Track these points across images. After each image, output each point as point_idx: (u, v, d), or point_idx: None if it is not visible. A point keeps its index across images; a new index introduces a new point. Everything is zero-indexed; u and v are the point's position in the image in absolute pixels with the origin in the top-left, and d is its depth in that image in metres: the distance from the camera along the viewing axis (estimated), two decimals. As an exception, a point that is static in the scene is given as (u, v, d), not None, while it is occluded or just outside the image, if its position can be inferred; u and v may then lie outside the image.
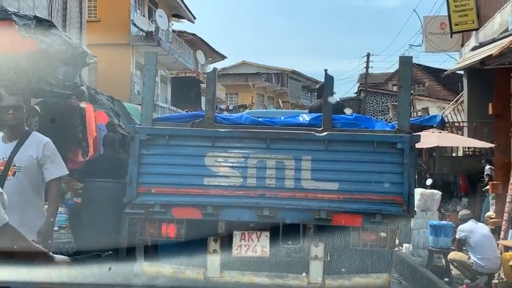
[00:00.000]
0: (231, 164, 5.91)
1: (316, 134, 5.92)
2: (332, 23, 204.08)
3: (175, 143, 5.97)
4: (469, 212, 9.64)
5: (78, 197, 8.90)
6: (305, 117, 6.45)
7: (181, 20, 32.52)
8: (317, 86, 8.58)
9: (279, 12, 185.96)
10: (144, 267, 5.86)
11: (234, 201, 5.87)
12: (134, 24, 25.27)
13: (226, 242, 5.89)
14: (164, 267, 5.87)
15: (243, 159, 5.89)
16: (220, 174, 5.90)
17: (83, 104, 11.29)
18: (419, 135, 6.16)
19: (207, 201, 5.83)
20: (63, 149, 11.33)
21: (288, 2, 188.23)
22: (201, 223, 5.89)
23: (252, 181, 5.88)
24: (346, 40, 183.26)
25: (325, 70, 6.33)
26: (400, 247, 10.78)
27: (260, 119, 6.39)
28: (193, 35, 34.28)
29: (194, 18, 32.49)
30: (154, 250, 6.10)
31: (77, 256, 3.32)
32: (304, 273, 5.78)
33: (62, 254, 6.93)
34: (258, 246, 5.79)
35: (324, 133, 5.91)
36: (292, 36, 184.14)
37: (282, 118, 6.52)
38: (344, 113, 6.97)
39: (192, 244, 5.86)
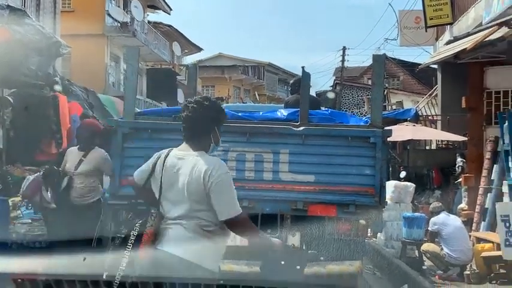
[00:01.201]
0: None
1: (294, 128, 6.13)
2: (310, 16, 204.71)
3: (158, 137, 6.12)
4: (440, 204, 9.77)
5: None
6: (283, 112, 6.62)
7: (156, 11, 32.20)
8: (291, 81, 8.67)
9: (255, 4, 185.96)
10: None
11: None
12: (109, 15, 24.94)
13: None
14: None
15: (223, 152, 6.02)
16: None
17: (56, 95, 11.16)
18: (391, 130, 6.43)
19: None
20: (37, 141, 11.26)
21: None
22: None
23: (232, 173, 5.93)
24: (323, 34, 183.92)
25: (303, 67, 6.55)
26: (374, 238, 10.90)
27: (240, 114, 6.55)
28: (169, 26, 33.99)
29: (170, 9, 32.22)
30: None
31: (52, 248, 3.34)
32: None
33: (35, 246, 6.84)
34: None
35: (301, 128, 6.12)
36: (270, 29, 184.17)
37: (261, 113, 6.71)
38: (319, 108, 7.16)
39: None
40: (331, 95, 37.51)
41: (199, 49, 40.40)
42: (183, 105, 3.96)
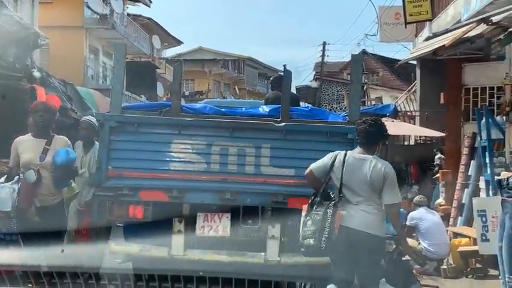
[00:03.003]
0: (195, 151, 6.25)
1: (275, 124, 6.30)
2: (290, 11, 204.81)
3: (144, 130, 6.28)
4: (425, 198, 9.88)
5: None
6: (265, 108, 6.82)
7: (136, 3, 31.94)
8: (271, 78, 8.93)
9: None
10: (112, 247, 6.13)
11: (198, 185, 6.22)
12: (88, 7, 24.69)
13: (190, 222, 6.19)
14: (131, 247, 6.15)
15: (207, 146, 6.23)
16: (185, 160, 6.25)
17: (34, 87, 11.03)
18: None
19: (173, 185, 6.16)
20: (14, 133, 11.11)
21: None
22: (166, 205, 6.19)
23: (215, 167, 6.25)
24: (303, 28, 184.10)
25: (284, 65, 6.88)
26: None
27: (223, 110, 6.71)
28: (149, 19, 33.77)
29: (150, 2, 32.01)
30: (122, 231, 6.41)
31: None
32: (262, 252, 6.13)
33: (12, 240, 6.75)
34: (220, 226, 6.15)
35: (282, 124, 6.29)
36: (252, 24, 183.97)
37: (244, 109, 6.89)
38: (298, 105, 7.44)
39: (158, 225, 6.14)
40: (314, 85, 37.89)
41: (179, 42, 40.23)
42: (361, 120, 5.57)
